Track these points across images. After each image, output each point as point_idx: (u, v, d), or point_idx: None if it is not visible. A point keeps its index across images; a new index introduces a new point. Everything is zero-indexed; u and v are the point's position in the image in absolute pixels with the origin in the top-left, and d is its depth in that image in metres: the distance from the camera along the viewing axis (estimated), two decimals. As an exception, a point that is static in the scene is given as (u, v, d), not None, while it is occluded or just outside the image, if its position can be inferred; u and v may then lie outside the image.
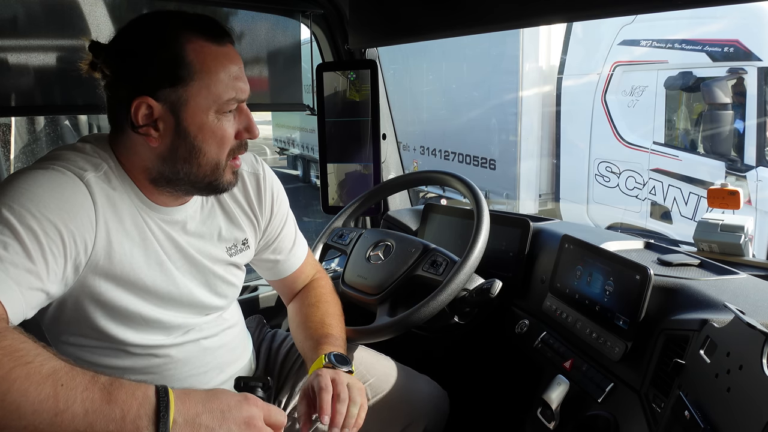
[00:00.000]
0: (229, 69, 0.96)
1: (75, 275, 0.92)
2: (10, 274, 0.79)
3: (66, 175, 0.91)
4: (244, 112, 1.00)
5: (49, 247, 0.84)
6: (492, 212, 1.51)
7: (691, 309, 1.07)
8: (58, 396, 0.68)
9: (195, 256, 1.08)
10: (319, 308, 1.29)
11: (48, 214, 0.85)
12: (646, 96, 5.61)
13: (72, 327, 0.99)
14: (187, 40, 0.93)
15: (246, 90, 0.99)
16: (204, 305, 1.13)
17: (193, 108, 0.94)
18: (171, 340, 1.08)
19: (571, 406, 1.21)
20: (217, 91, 0.94)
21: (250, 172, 1.18)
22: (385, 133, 2.07)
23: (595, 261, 1.27)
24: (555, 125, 6.50)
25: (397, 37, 1.90)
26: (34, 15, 1.54)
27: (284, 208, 1.26)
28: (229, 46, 0.98)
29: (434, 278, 1.45)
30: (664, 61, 5.40)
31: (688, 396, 0.90)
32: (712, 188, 1.74)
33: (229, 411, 0.76)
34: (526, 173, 6.64)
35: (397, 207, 2.15)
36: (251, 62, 1.96)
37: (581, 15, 1.46)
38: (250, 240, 1.19)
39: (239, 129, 1.00)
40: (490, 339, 1.63)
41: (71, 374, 0.71)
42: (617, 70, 5.82)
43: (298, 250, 1.33)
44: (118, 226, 0.96)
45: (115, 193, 0.96)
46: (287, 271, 1.32)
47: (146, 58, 0.93)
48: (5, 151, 2.51)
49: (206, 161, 0.98)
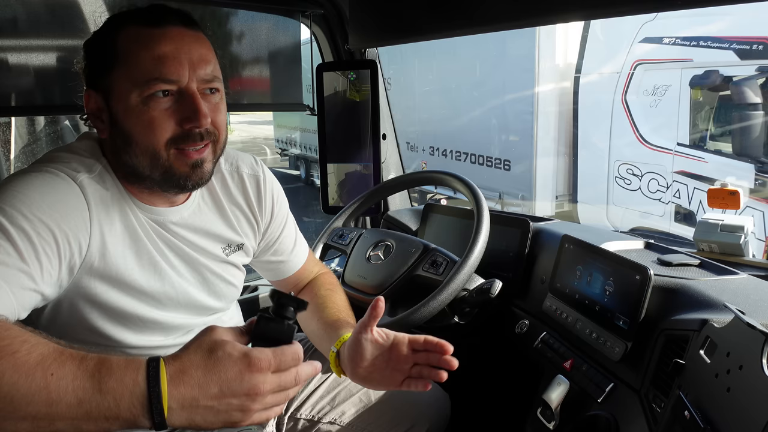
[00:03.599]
0: (155, 49, 0.90)
1: (70, 276, 0.91)
2: (0, 274, 0.78)
3: (59, 177, 0.91)
4: (186, 98, 0.92)
5: (42, 248, 0.84)
6: (492, 212, 1.51)
7: (691, 309, 1.07)
8: (50, 387, 0.66)
9: (190, 254, 1.07)
10: (338, 293, 1.30)
11: (41, 216, 0.85)
12: (669, 95, 5.41)
13: (69, 329, 0.98)
14: (121, 28, 0.93)
15: (181, 73, 0.91)
16: (202, 306, 1.12)
17: (118, 93, 0.93)
18: (170, 341, 1.08)
19: (571, 406, 1.21)
20: (137, 72, 0.90)
21: (250, 174, 1.17)
22: (385, 133, 2.07)
23: (595, 261, 1.27)
24: (572, 125, 6.34)
25: (397, 37, 1.90)
26: (34, 15, 1.54)
27: (284, 210, 1.25)
28: (170, 27, 0.93)
29: (434, 278, 1.45)
30: (689, 59, 5.19)
31: (688, 396, 0.90)
32: (712, 188, 1.74)
33: (227, 385, 0.69)
34: (543, 174, 6.47)
35: (397, 207, 2.15)
36: (251, 62, 1.96)
37: (581, 15, 1.46)
38: (248, 242, 1.18)
39: (182, 117, 0.93)
40: (490, 339, 1.62)
41: (60, 360, 0.68)
42: (638, 69, 5.62)
43: (299, 250, 1.32)
44: (110, 227, 0.96)
45: (108, 193, 0.96)
46: (289, 271, 1.32)
47: (91, 53, 0.97)
48: (5, 151, 2.51)
49: (140, 151, 0.93)
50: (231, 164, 1.16)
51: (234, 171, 1.16)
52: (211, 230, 1.11)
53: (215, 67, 0.98)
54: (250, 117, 25.13)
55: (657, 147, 5.58)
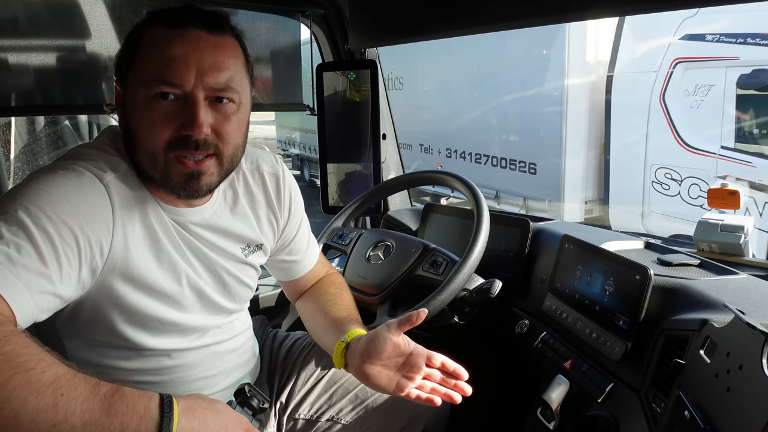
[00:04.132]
0: (166, 49, 0.89)
1: (92, 278, 0.91)
2: (21, 277, 0.78)
3: (85, 176, 0.90)
4: (189, 105, 0.90)
5: (63, 250, 0.83)
6: (492, 212, 1.51)
7: (691, 309, 1.07)
8: (58, 406, 0.67)
9: (209, 254, 1.07)
10: (346, 292, 1.33)
11: (64, 217, 0.84)
12: (712, 95, 4.99)
13: (88, 328, 0.98)
14: (149, 25, 0.94)
15: (186, 77, 0.89)
16: (219, 308, 1.13)
17: (130, 89, 0.94)
18: (186, 344, 1.08)
19: (571, 406, 1.21)
20: (145, 71, 0.91)
21: (271, 173, 1.18)
22: (385, 133, 2.08)
23: (595, 261, 1.27)
24: (604, 127, 5.89)
25: (397, 37, 1.90)
26: (34, 15, 1.54)
27: (300, 209, 1.26)
28: (191, 29, 0.91)
29: (434, 278, 1.45)
30: (735, 57, 4.81)
31: (688, 396, 0.90)
32: (712, 188, 1.74)
33: (225, 429, 0.78)
34: (572, 178, 6.04)
35: (397, 207, 2.15)
36: (251, 62, 1.96)
37: (582, 15, 1.46)
38: (267, 241, 1.18)
39: (180, 123, 0.91)
40: (490, 339, 1.62)
41: (73, 382, 0.69)
42: (678, 68, 5.20)
43: (311, 251, 1.33)
44: (132, 228, 0.95)
45: (132, 193, 0.96)
46: (302, 271, 1.33)
47: (123, 46, 0.97)
48: (5, 151, 2.51)
49: (141, 149, 0.93)
50: (252, 163, 1.16)
51: (255, 170, 1.16)
52: (231, 230, 1.11)
53: (233, 76, 0.94)
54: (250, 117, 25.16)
55: (698, 150, 5.17)
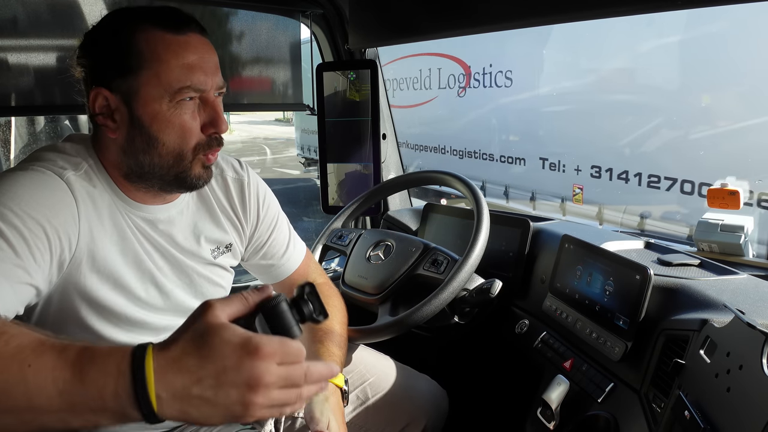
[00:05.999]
0: (183, 57, 0.94)
1: (60, 271, 0.92)
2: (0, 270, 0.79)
3: (46, 174, 0.91)
4: (209, 104, 0.98)
5: (34, 243, 0.84)
6: (492, 212, 1.51)
7: (691, 309, 1.07)
8: (27, 378, 0.62)
9: (177, 256, 1.07)
10: (338, 310, 1.33)
11: (30, 212, 0.85)
12: None
13: (59, 326, 0.97)
14: (139, 29, 0.93)
15: (207, 82, 0.96)
16: (189, 308, 1.11)
17: (144, 97, 0.93)
18: None
19: (571, 406, 1.21)
20: (167, 80, 0.93)
21: (234, 178, 1.17)
22: (385, 133, 2.08)
23: (595, 261, 1.27)
24: None
25: (397, 37, 1.90)
26: (34, 15, 1.54)
27: (272, 212, 1.24)
28: (192, 35, 0.96)
29: (435, 277, 1.45)
30: None
31: (688, 396, 0.90)
32: (712, 188, 1.74)
33: (225, 373, 0.61)
34: None
35: (397, 207, 2.15)
36: (251, 62, 1.97)
37: (582, 15, 1.46)
38: (235, 244, 1.18)
39: (205, 122, 0.98)
40: (490, 339, 1.63)
41: (39, 351, 0.64)
42: None
43: (293, 253, 1.31)
44: (99, 223, 0.96)
45: (95, 190, 0.97)
46: (283, 274, 1.31)
47: (101, 51, 0.95)
48: (5, 150, 2.51)
49: (166, 151, 0.96)
50: (215, 167, 1.15)
51: (218, 174, 1.16)
52: (199, 228, 1.11)
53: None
54: (250, 117, 25.15)
55: None
